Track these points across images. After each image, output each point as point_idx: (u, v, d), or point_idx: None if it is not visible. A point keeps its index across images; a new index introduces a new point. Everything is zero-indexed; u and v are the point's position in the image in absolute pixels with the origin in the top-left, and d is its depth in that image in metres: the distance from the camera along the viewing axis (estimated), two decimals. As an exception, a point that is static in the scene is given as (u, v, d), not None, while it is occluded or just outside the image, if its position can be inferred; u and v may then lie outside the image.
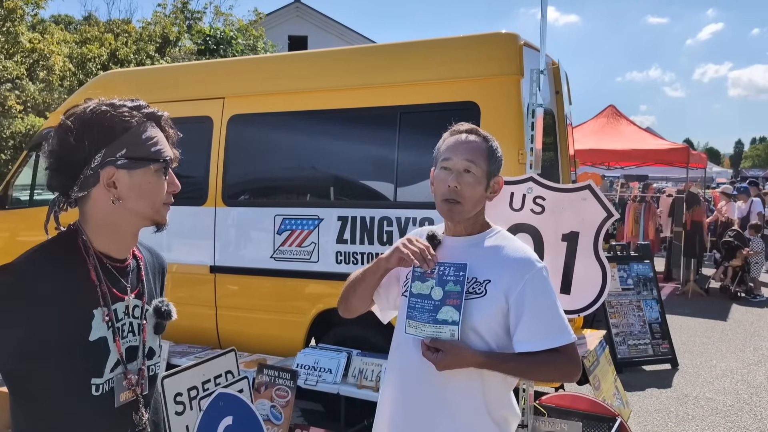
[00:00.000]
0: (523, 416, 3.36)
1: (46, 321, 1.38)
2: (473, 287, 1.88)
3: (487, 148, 1.98)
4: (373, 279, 2.01)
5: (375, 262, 1.99)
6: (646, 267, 7.04)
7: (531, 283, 1.86)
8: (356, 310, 2.14)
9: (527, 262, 1.90)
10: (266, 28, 21.22)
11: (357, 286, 2.06)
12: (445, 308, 1.84)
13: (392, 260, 1.92)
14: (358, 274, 2.07)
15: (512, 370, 1.88)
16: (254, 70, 5.50)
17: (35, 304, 1.37)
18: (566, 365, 1.88)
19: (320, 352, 4.44)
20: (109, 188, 1.44)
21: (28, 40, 15.22)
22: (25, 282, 1.37)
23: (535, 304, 1.85)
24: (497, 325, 1.88)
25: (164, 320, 1.61)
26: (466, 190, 1.91)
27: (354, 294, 2.08)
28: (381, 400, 2.07)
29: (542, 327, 1.85)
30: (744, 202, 12.92)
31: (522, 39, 4.38)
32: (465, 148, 1.95)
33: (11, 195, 6.47)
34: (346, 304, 2.13)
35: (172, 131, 1.55)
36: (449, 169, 1.93)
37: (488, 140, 2.00)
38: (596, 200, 2.96)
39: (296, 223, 4.81)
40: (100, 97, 1.49)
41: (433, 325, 1.85)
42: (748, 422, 5.24)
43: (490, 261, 1.91)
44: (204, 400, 3.27)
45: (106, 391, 1.46)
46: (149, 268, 1.65)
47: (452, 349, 1.81)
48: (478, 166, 1.93)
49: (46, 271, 1.41)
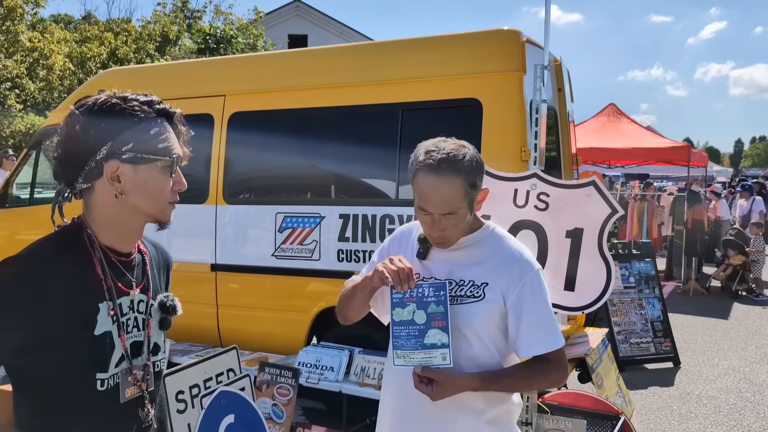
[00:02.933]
0: (527, 414, 3.35)
1: (51, 314, 1.36)
2: (470, 290, 1.86)
3: (464, 182, 1.78)
4: (362, 295, 1.97)
5: (362, 279, 1.95)
6: (648, 265, 7.02)
7: (529, 286, 1.85)
8: (354, 319, 2.09)
9: (525, 263, 1.89)
10: (266, 27, 21.22)
11: (349, 301, 2.03)
12: (432, 331, 1.78)
13: (375, 279, 1.86)
14: (349, 289, 2.03)
15: (507, 386, 1.87)
16: (255, 68, 5.48)
17: (40, 297, 1.35)
18: (557, 372, 1.88)
19: (322, 350, 4.42)
20: (112, 182, 1.43)
21: (28, 39, 15.22)
22: (29, 274, 1.35)
23: (534, 307, 1.85)
24: (496, 328, 1.88)
25: (169, 315, 1.59)
26: (451, 231, 1.86)
27: (348, 308, 2.05)
28: (382, 405, 2.06)
29: (542, 331, 1.85)
30: (746, 200, 12.91)
31: (524, 36, 4.36)
32: (437, 200, 1.79)
33: (11, 193, 6.45)
34: (342, 314, 2.10)
35: (184, 129, 1.53)
36: (429, 214, 1.83)
37: (461, 169, 1.78)
38: (601, 197, 2.94)
39: (297, 221, 4.79)
40: (114, 90, 1.47)
41: (422, 351, 1.79)
42: (751, 420, 5.23)
43: (486, 263, 1.89)
44: (206, 399, 3.26)
45: (111, 387, 1.44)
46: (154, 263, 1.63)
47: (446, 379, 1.78)
48: (458, 209, 1.81)
49: (50, 263, 1.39)
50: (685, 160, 11.12)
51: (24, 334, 1.34)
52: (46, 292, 1.35)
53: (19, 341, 1.35)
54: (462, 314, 1.85)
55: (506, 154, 4.10)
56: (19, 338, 1.35)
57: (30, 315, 1.34)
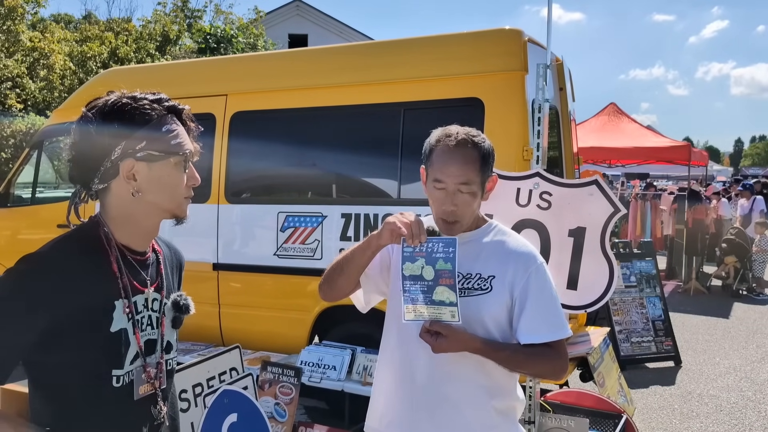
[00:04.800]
0: (530, 413, 3.35)
1: (68, 311, 1.37)
2: (478, 283, 1.88)
3: (480, 157, 1.88)
4: (363, 258, 1.92)
5: (366, 239, 1.91)
6: (649, 264, 7.03)
7: (534, 276, 1.88)
8: (340, 292, 2.03)
9: (530, 255, 1.92)
10: (266, 27, 21.21)
11: (345, 265, 1.96)
12: (440, 288, 1.79)
13: (384, 236, 1.83)
14: (347, 253, 1.97)
15: (506, 359, 1.86)
16: (257, 67, 5.48)
17: (58, 293, 1.36)
18: (558, 361, 1.89)
19: (324, 349, 4.43)
20: (128, 180, 1.45)
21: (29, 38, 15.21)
22: (48, 271, 1.37)
23: (538, 297, 1.87)
24: (504, 320, 1.90)
25: (182, 314, 1.61)
26: (463, 208, 1.88)
27: (341, 274, 1.97)
28: (377, 394, 2.04)
29: (545, 320, 1.87)
30: (747, 199, 12.92)
31: (526, 35, 4.36)
32: (456, 166, 1.85)
33: (13, 193, 6.46)
34: (330, 285, 2.02)
35: (193, 125, 1.56)
36: (443, 189, 1.87)
37: (479, 146, 1.88)
38: (603, 195, 2.95)
39: (299, 221, 4.80)
40: (123, 90, 1.49)
41: (431, 306, 1.80)
42: (753, 419, 5.23)
43: (492, 256, 1.92)
44: (209, 397, 3.27)
45: (126, 384, 1.46)
46: (168, 263, 1.65)
47: (452, 333, 1.79)
48: (472, 182, 1.86)
49: (68, 261, 1.41)
50: (686, 159, 11.12)
51: (41, 330, 1.36)
52: (63, 289, 1.37)
53: (37, 337, 1.36)
54: (471, 306, 1.86)
55: (508, 153, 4.09)
56: (37, 334, 1.36)
57: (47, 311, 1.35)
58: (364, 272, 1.99)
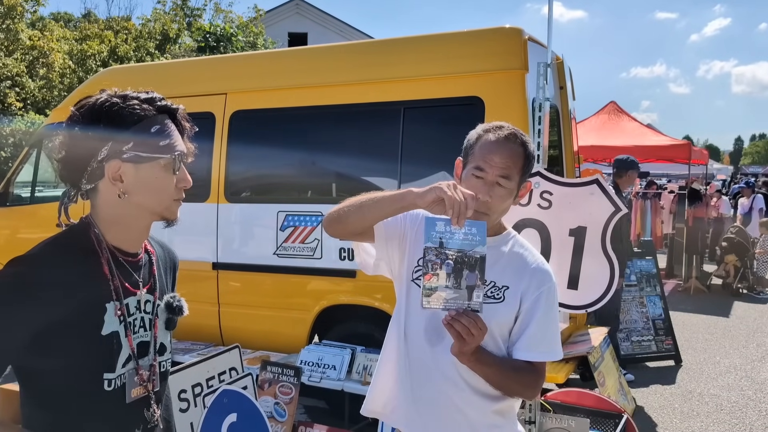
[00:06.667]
0: (530, 413, 3.34)
1: (59, 314, 1.35)
2: (492, 291, 1.87)
3: (525, 156, 1.86)
4: (391, 208, 1.77)
5: (403, 192, 1.74)
6: (649, 263, 7.01)
7: (546, 296, 1.87)
8: (348, 230, 1.90)
9: (546, 273, 1.91)
10: (266, 25, 21.18)
11: (368, 208, 1.81)
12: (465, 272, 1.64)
13: (427, 198, 1.67)
14: (374, 195, 1.82)
15: (492, 373, 1.80)
16: (257, 66, 5.47)
17: (48, 296, 1.34)
18: (539, 380, 1.89)
19: (324, 348, 4.42)
20: (114, 182, 1.43)
21: (28, 37, 15.19)
22: (38, 274, 1.35)
23: (545, 317, 1.87)
24: (507, 330, 1.89)
25: (176, 316, 1.59)
26: (497, 203, 1.85)
27: (359, 214, 1.83)
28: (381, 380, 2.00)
29: (544, 340, 1.87)
30: (747, 197, 12.91)
31: (526, 34, 4.35)
32: (501, 159, 1.82)
33: (12, 192, 6.45)
34: (341, 221, 1.87)
35: (188, 125, 1.53)
36: (481, 178, 1.83)
37: (526, 146, 1.88)
38: (604, 195, 2.94)
39: (299, 220, 4.79)
40: (115, 89, 1.47)
41: (455, 291, 1.64)
42: (753, 418, 5.23)
43: (509, 267, 1.90)
44: (208, 397, 3.26)
45: (118, 387, 1.44)
46: (161, 263, 1.63)
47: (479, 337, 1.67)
48: (512, 179, 1.84)
49: (59, 263, 1.39)
50: (686, 157, 11.10)
51: (31, 333, 1.34)
52: (53, 292, 1.35)
53: (27, 341, 1.34)
54: (482, 314, 1.84)
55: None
56: (27, 338, 1.34)
57: (37, 315, 1.34)
58: (383, 222, 1.87)
